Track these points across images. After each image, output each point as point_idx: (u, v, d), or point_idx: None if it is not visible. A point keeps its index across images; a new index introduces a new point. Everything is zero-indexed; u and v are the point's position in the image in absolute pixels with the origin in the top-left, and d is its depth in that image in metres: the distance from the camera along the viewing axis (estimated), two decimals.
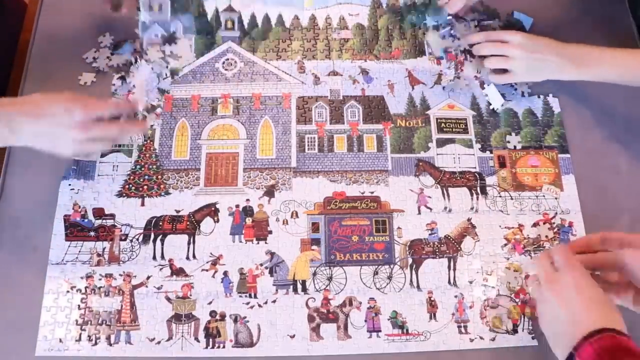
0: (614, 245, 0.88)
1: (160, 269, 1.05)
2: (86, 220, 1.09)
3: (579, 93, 1.20)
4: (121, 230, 1.08)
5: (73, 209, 1.09)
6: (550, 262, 0.85)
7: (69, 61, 1.19)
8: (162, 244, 1.07)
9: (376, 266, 1.06)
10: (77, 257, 1.06)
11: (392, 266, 1.06)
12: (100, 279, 1.04)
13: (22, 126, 0.94)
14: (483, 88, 1.21)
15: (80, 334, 1.00)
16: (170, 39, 1.21)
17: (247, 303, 1.03)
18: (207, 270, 1.05)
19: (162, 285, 1.04)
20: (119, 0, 1.20)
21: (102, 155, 1.14)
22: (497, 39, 1.15)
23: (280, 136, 1.18)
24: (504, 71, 1.15)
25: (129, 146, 1.15)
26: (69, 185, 1.11)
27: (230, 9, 1.29)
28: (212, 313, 1.02)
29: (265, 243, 1.08)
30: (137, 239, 1.08)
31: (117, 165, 1.14)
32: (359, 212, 1.11)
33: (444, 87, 1.21)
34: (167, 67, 1.21)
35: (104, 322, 1.01)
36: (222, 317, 1.02)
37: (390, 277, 1.06)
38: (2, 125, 0.94)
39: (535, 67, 1.12)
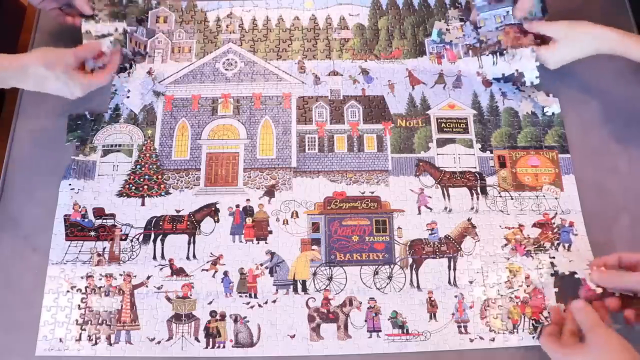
0: (631, 266, 0.91)
1: (161, 269, 1.05)
2: (86, 220, 1.09)
3: (579, 93, 1.20)
4: (121, 230, 1.08)
5: (73, 208, 1.09)
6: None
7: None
8: (162, 244, 1.07)
9: (376, 266, 1.06)
10: (77, 257, 1.06)
11: (392, 266, 1.06)
12: (100, 279, 1.04)
13: (26, 86, 1.08)
14: (489, 85, 1.21)
15: (81, 334, 1.00)
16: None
17: (247, 303, 1.03)
18: (207, 270, 1.05)
19: (162, 285, 1.04)
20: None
21: (103, 155, 1.15)
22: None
23: (280, 136, 1.18)
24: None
25: (129, 146, 1.15)
26: (69, 185, 1.11)
27: (231, 15, 1.29)
28: (212, 313, 1.02)
29: (266, 243, 1.08)
30: (137, 239, 1.08)
31: (117, 165, 1.14)
32: (359, 212, 1.11)
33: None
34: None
35: (104, 321, 1.01)
36: (222, 317, 1.02)
37: (390, 277, 1.06)
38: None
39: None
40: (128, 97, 1.19)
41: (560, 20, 1.11)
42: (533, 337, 1.00)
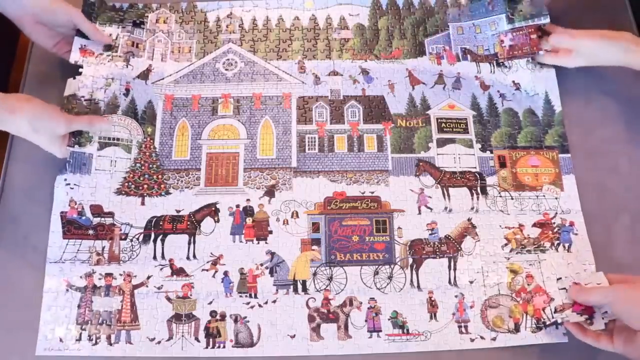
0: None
1: (161, 269, 1.05)
2: (84, 217, 1.08)
3: (580, 93, 1.20)
4: (121, 230, 1.08)
5: (69, 205, 1.08)
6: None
7: (68, 62, 1.18)
8: (163, 244, 1.07)
9: (376, 266, 1.06)
10: (75, 256, 1.05)
11: (392, 266, 1.06)
12: (100, 279, 1.04)
13: (9, 129, 1.03)
14: (487, 88, 1.21)
15: (81, 334, 1.00)
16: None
17: (248, 303, 1.03)
18: (207, 270, 1.05)
19: (162, 285, 1.04)
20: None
21: (100, 148, 1.12)
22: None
23: (280, 136, 1.18)
24: None
25: (127, 141, 1.15)
26: (65, 180, 1.09)
27: (231, 15, 1.29)
28: (213, 313, 1.02)
29: (266, 243, 1.08)
30: (138, 239, 1.07)
31: (115, 161, 1.13)
32: (360, 212, 1.10)
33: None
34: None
35: (104, 321, 1.01)
36: (223, 317, 1.02)
37: (390, 277, 1.05)
38: None
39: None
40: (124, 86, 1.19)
41: (585, 35, 1.12)
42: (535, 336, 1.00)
